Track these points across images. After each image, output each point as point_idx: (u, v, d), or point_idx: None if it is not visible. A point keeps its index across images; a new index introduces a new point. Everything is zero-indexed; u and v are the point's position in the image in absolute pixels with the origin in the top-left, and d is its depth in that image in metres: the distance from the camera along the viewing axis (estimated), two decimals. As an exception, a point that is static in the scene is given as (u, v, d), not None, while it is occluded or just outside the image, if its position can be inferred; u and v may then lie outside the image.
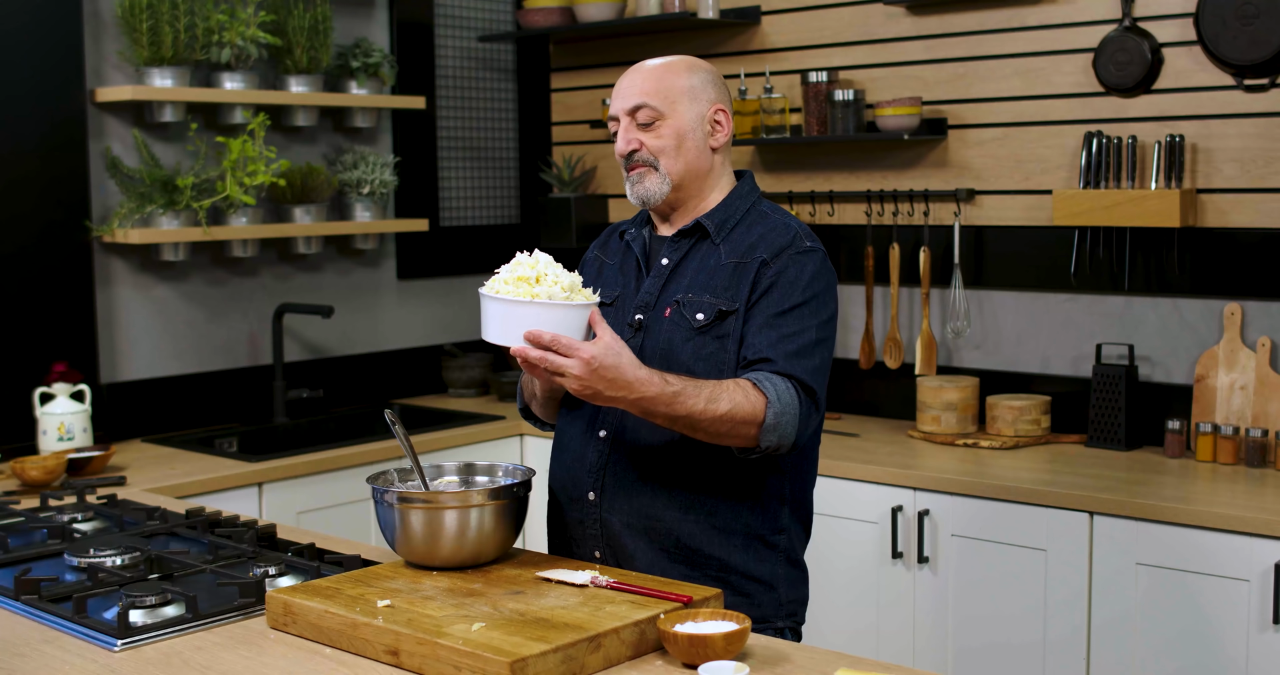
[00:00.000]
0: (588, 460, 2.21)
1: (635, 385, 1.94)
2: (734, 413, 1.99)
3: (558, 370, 1.92)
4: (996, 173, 3.64)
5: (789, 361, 2.07)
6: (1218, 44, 3.22)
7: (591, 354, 1.91)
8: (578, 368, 1.91)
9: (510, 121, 4.68)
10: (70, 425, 3.35)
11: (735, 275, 2.15)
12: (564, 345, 1.91)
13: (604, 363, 1.91)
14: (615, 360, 1.92)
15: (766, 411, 2.01)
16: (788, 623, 2.23)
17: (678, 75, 2.20)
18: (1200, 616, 2.81)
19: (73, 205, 3.56)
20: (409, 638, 1.78)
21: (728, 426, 2.00)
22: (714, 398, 1.99)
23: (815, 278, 2.14)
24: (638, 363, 1.96)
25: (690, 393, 1.98)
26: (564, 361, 1.91)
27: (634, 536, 2.17)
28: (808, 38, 3.95)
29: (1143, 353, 3.43)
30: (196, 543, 2.46)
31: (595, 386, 1.93)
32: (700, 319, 2.14)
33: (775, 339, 2.09)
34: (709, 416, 1.98)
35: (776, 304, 2.11)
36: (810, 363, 2.09)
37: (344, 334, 4.24)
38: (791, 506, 2.22)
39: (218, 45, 3.71)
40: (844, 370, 3.92)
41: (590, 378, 1.91)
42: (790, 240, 2.17)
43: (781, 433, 2.03)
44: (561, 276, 1.98)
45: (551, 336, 1.91)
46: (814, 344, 2.11)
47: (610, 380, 1.92)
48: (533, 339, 1.91)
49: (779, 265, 2.14)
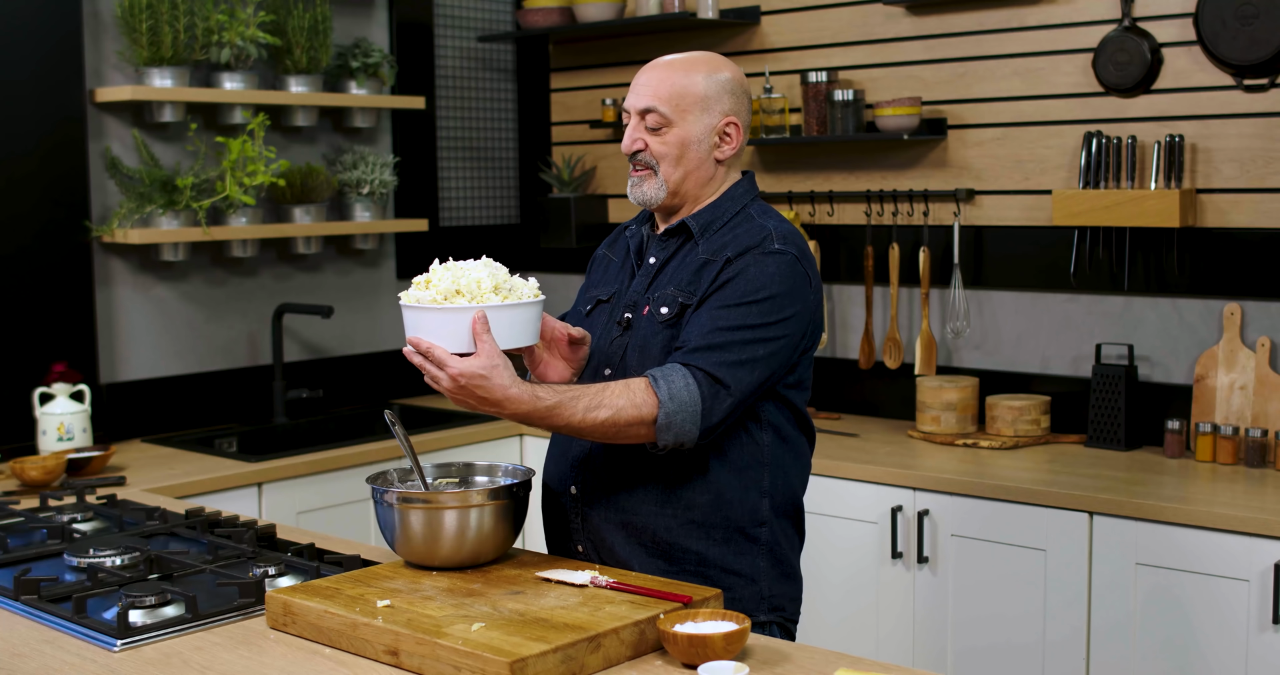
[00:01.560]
0: (571, 455, 2.24)
1: (505, 403, 1.97)
2: (616, 418, 2.01)
3: (433, 379, 1.97)
4: (996, 173, 3.64)
5: (702, 354, 2.05)
6: (1217, 44, 3.22)
7: (459, 370, 1.94)
8: (446, 381, 1.96)
9: (510, 122, 4.68)
10: (70, 425, 3.35)
11: (700, 272, 2.15)
12: (436, 357, 1.95)
13: (472, 381, 1.95)
14: (484, 380, 1.95)
15: (658, 412, 2.01)
16: (773, 617, 2.21)
17: (695, 81, 2.17)
18: (1200, 616, 2.81)
19: (72, 205, 3.56)
20: (409, 638, 1.78)
21: (614, 430, 2.02)
22: (593, 407, 2.01)
23: (775, 279, 2.10)
24: (513, 379, 1.98)
25: (567, 405, 2.00)
26: (436, 373, 1.97)
27: (613, 530, 2.18)
28: (807, 38, 3.95)
29: (1142, 353, 3.43)
30: (196, 543, 2.46)
31: (467, 400, 1.98)
32: (664, 313, 2.15)
33: (706, 330, 2.07)
34: (590, 424, 2.01)
35: (724, 298, 2.10)
36: (731, 357, 2.05)
37: (344, 334, 4.24)
38: (773, 499, 2.20)
39: (217, 45, 3.71)
40: (844, 370, 3.92)
41: (459, 392, 1.96)
42: (759, 241, 2.14)
43: (677, 431, 2.03)
44: (487, 280, 2.00)
45: (428, 345, 1.96)
46: (749, 342, 2.07)
47: (480, 397, 1.96)
48: (414, 344, 1.97)
49: (741, 263, 2.12)
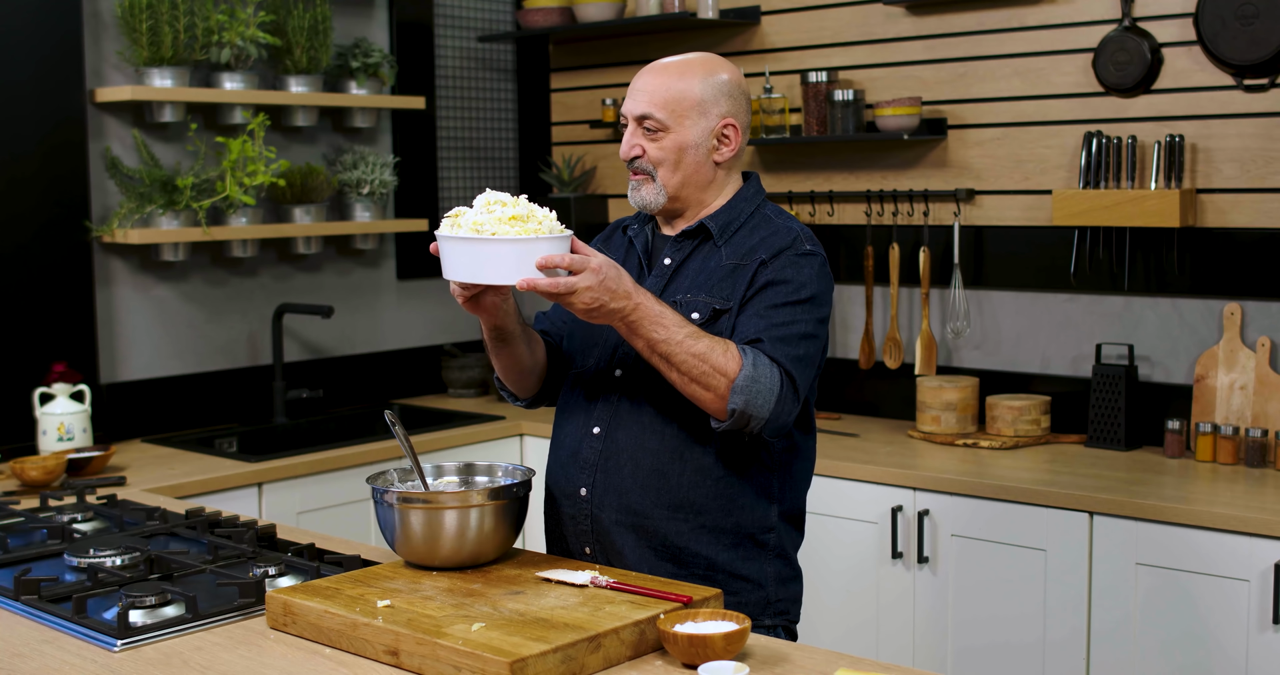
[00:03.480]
0: (581, 456, 2.22)
1: (634, 293, 1.99)
2: (709, 355, 2.01)
3: (570, 289, 1.95)
4: (996, 173, 3.64)
5: (775, 346, 2.08)
6: (1217, 44, 3.22)
7: (598, 263, 1.96)
8: (590, 279, 1.95)
9: (510, 122, 4.68)
10: (70, 425, 3.35)
11: (733, 276, 2.16)
12: (569, 263, 1.95)
13: (608, 272, 1.97)
14: (615, 270, 1.99)
15: (740, 371, 2.02)
16: (778, 621, 2.23)
17: (691, 85, 2.17)
18: (1200, 616, 2.81)
19: (72, 205, 3.56)
20: (409, 638, 1.78)
21: (697, 370, 2.01)
22: (695, 334, 2.03)
23: (813, 280, 2.14)
24: (631, 279, 2.02)
25: (674, 319, 2.02)
26: (575, 279, 1.95)
27: (622, 533, 2.18)
28: (807, 38, 3.95)
29: (1142, 353, 3.43)
30: (196, 543, 2.46)
31: (602, 298, 1.97)
32: (695, 319, 2.13)
33: (766, 326, 2.10)
34: (686, 350, 2.01)
35: (771, 299, 2.12)
36: (796, 352, 2.09)
37: (344, 334, 4.24)
38: (782, 505, 2.22)
39: (217, 45, 3.71)
40: (844, 370, 3.92)
41: (598, 288, 1.96)
42: (790, 242, 2.17)
43: (750, 398, 2.02)
44: (537, 210, 2.01)
45: (561, 258, 1.95)
46: (803, 337, 2.10)
47: (613, 291, 1.97)
48: (545, 265, 1.94)
49: (777, 265, 2.14)
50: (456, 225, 1.99)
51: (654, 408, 2.15)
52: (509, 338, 2.21)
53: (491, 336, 2.21)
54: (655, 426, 2.15)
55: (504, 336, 2.20)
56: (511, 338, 2.21)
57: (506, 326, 2.18)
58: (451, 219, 2.01)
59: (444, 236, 1.99)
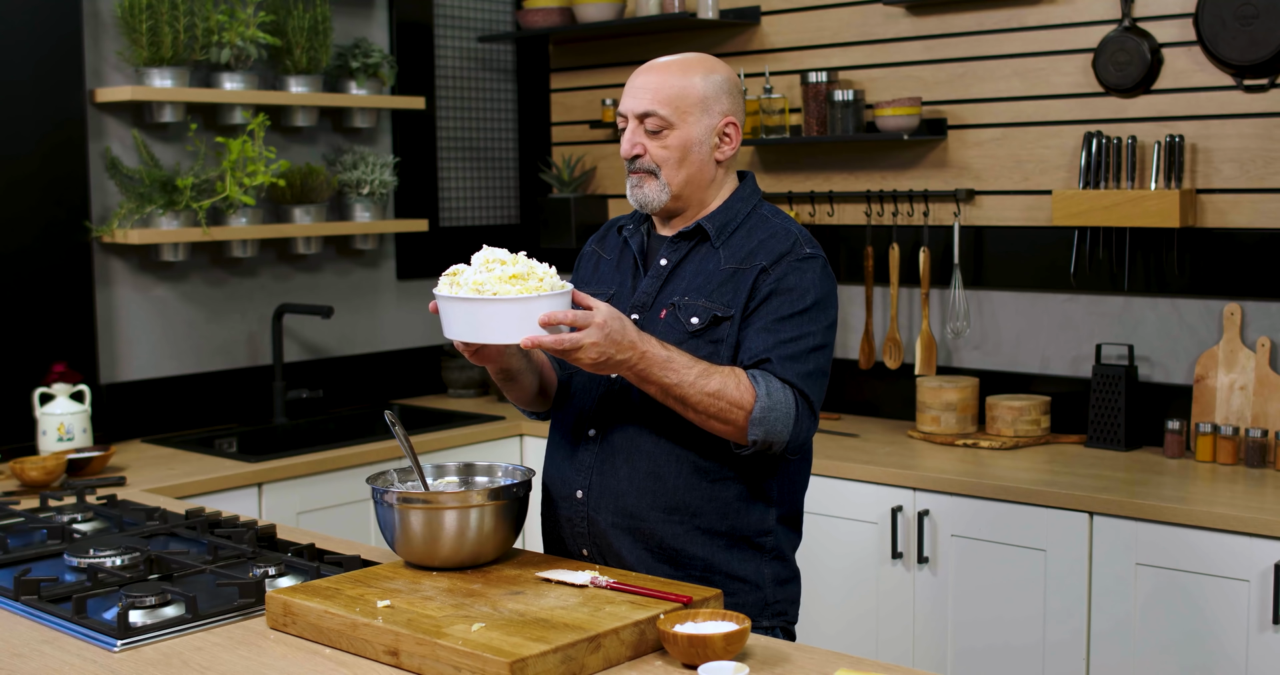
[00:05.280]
0: (577, 458, 2.22)
1: (639, 343, 1.99)
2: (723, 392, 2.02)
3: (576, 345, 1.95)
4: (996, 173, 3.64)
5: (784, 365, 2.08)
6: (1217, 44, 3.22)
7: (602, 318, 1.96)
8: (595, 334, 1.95)
9: (510, 122, 4.68)
10: (70, 425, 3.35)
11: (733, 281, 2.15)
12: (573, 319, 1.95)
13: (612, 326, 1.96)
14: (621, 321, 1.99)
15: (755, 404, 2.03)
16: (776, 622, 2.22)
17: (693, 82, 2.16)
18: (1200, 617, 2.81)
19: (72, 205, 3.56)
20: (409, 638, 1.78)
21: (713, 407, 2.03)
22: (704, 374, 2.03)
23: (815, 285, 2.14)
24: (634, 326, 2.02)
25: (682, 361, 2.03)
26: (580, 335, 1.95)
27: (619, 535, 2.17)
28: (807, 38, 3.95)
29: (1142, 353, 3.43)
30: (196, 543, 2.46)
31: (608, 351, 1.97)
32: (695, 323, 2.13)
33: (773, 343, 2.10)
34: (696, 392, 2.02)
35: (775, 310, 2.12)
36: (806, 368, 2.10)
37: (343, 334, 4.24)
38: (780, 508, 2.22)
39: (217, 45, 3.71)
40: (844, 370, 3.92)
41: (604, 342, 1.96)
42: (790, 246, 2.16)
43: (769, 428, 2.04)
44: (537, 266, 2.00)
45: (564, 314, 1.95)
46: (811, 350, 2.11)
47: (618, 343, 1.97)
48: (548, 323, 1.94)
49: (779, 272, 2.14)
50: (456, 285, 1.99)
51: (649, 411, 2.15)
52: (515, 375, 2.23)
53: (499, 377, 2.23)
54: (650, 429, 2.15)
55: (511, 375, 2.23)
56: (518, 374, 2.23)
57: (512, 366, 2.21)
58: (450, 277, 2.01)
59: (444, 297, 1.99)
